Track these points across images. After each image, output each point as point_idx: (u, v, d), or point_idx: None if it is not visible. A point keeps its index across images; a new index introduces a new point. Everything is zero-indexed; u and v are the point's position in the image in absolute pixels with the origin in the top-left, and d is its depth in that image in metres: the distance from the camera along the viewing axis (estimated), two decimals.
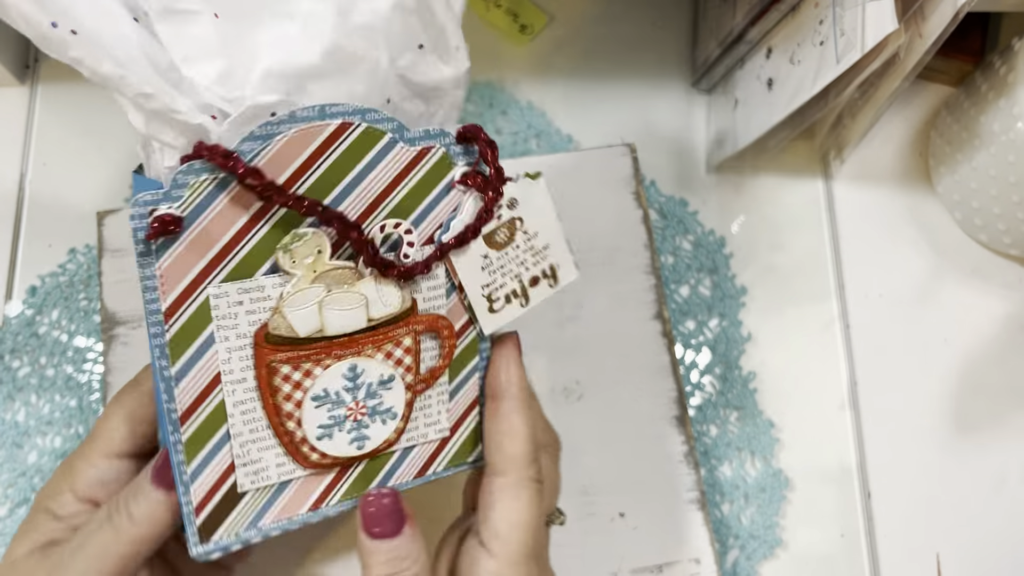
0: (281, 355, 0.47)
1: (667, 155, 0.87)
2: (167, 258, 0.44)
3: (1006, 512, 0.80)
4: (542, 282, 0.52)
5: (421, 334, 0.50)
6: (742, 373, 0.81)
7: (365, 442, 0.50)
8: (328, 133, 0.45)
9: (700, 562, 0.73)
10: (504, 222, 0.51)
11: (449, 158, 0.49)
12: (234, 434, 0.48)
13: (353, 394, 0.49)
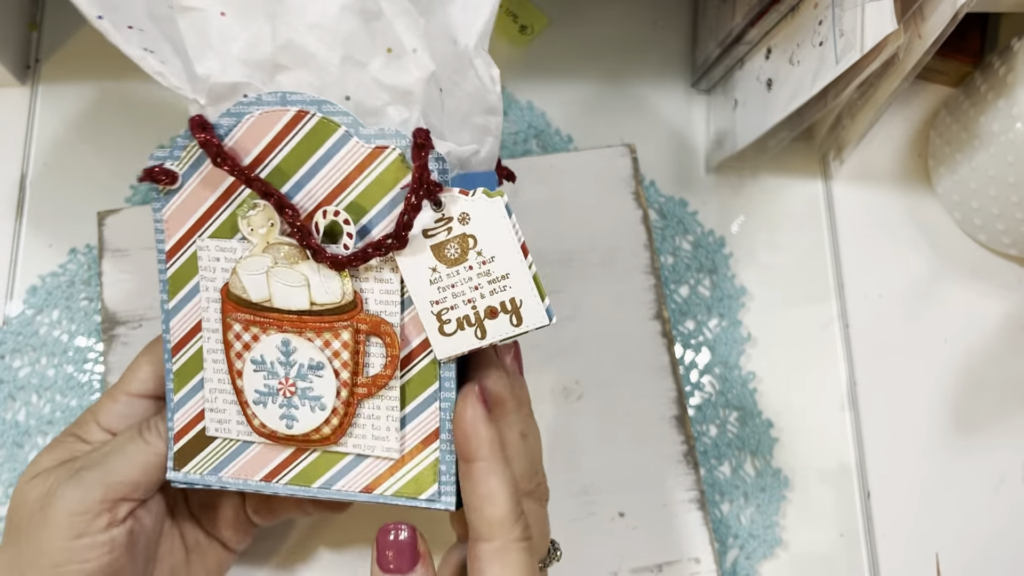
0: (236, 314, 0.52)
1: (667, 155, 0.87)
2: (169, 207, 0.52)
3: (1005, 511, 0.80)
4: (501, 316, 0.50)
5: (365, 335, 0.51)
6: (741, 373, 0.81)
7: (293, 423, 0.52)
8: (287, 119, 0.49)
9: (700, 562, 0.73)
10: (455, 236, 0.49)
11: (406, 161, 0.49)
12: (206, 379, 0.54)
13: (286, 369, 0.52)
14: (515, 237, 0.49)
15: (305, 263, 0.50)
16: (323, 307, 0.51)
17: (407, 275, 0.50)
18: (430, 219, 0.49)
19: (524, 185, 0.79)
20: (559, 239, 0.78)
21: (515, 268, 0.49)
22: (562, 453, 0.73)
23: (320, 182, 0.50)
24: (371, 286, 0.51)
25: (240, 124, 0.49)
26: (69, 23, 0.85)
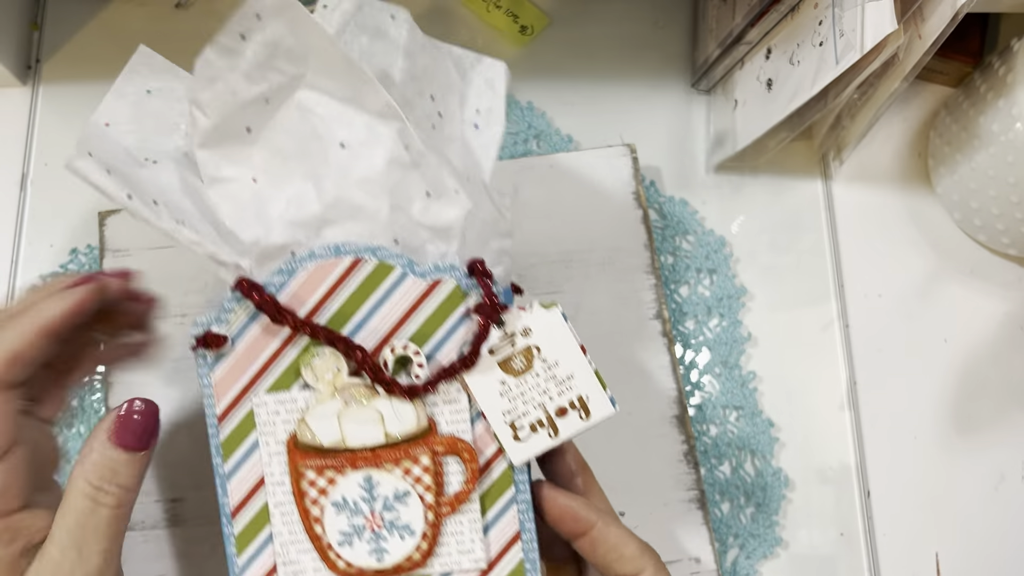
0: (307, 461, 0.52)
1: (667, 155, 0.87)
2: (219, 370, 0.52)
3: (1005, 511, 0.80)
4: (571, 413, 0.53)
5: (442, 456, 0.53)
6: (742, 373, 0.81)
7: (384, 555, 0.53)
8: (344, 267, 0.52)
9: (700, 561, 0.73)
10: (520, 349, 0.53)
11: (462, 289, 0.53)
12: (275, 533, 0.53)
13: (370, 505, 0.52)
14: (575, 340, 0.53)
15: (377, 399, 0.52)
16: (398, 437, 0.52)
17: (478, 392, 0.53)
18: (496, 338, 0.53)
19: (524, 185, 0.79)
20: (559, 239, 0.78)
21: (578, 368, 0.53)
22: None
23: (382, 320, 0.52)
24: (440, 408, 0.53)
25: (294, 278, 0.52)
26: (70, 23, 0.85)
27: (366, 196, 0.52)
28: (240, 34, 0.50)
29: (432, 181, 0.53)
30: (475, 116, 0.58)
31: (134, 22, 0.86)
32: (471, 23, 0.88)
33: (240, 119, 0.52)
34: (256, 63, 0.51)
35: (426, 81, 0.56)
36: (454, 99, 0.58)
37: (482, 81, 0.60)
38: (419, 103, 0.55)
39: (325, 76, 0.52)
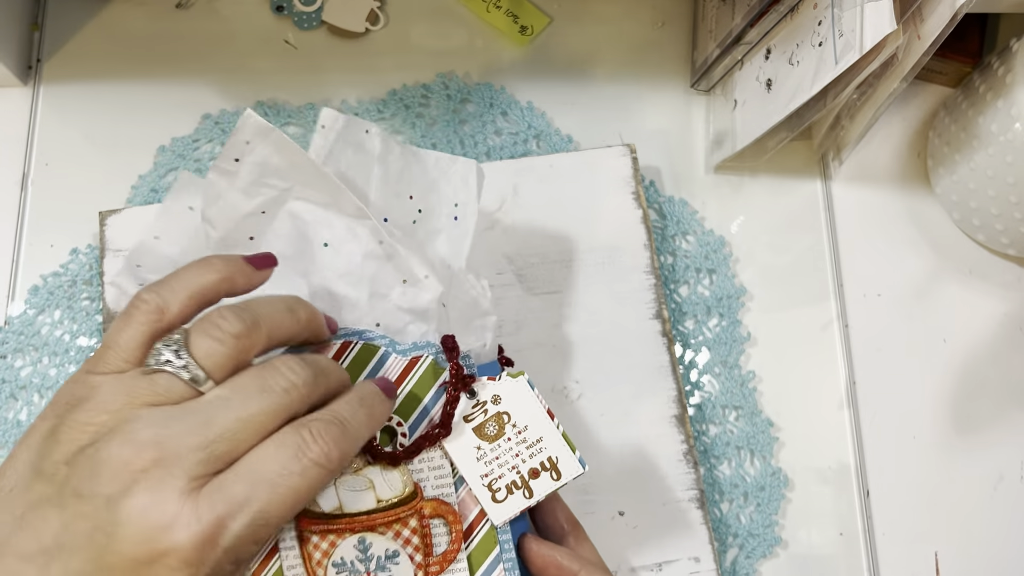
0: (312, 527, 0.55)
1: (667, 156, 0.87)
2: None
3: (1004, 510, 0.80)
4: (543, 474, 0.58)
5: (429, 518, 0.56)
6: (741, 372, 0.81)
7: None
8: (335, 350, 0.57)
9: (699, 560, 0.73)
10: (491, 416, 0.58)
11: (439, 364, 0.58)
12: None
13: (365, 564, 0.55)
14: (542, 406, 0.59)
15: (367, 468, 0.56)
16: (389, 502, 0.56)
17: (456, 458, 0.57)
18: (468, 406, 0.58)
19: (524, 185, 0.79)
20: (559, 239, 0.78)
21: (546, 431, 0.58)
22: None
23: None
24: (426, 475, 0.57)
25: None
26: (70, 24, 0.85)
27: (348, 286, 0.60)
28: (234, 158, 0.58)
29: (405, 270, 0.59)
30: (453, 209, 0.64)
31: (134, 22, 0.86)
32: (471, 23, 0.88)
33: (243, 229, 0.60)
34: (250, 181, 0.59)
35: (403, 184, 0.63)
36: (434, 196, 0.64)
37: (458, 178, 0.65)
38: (398, 202, 0.62)
39: (308, 187, 0.59)
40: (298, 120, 0.83)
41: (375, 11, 0.86)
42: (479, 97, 0.85)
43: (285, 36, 0.86)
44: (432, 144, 0.83)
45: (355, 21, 0.85)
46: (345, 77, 0.86)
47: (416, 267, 0.59)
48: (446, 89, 0.85)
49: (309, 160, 0.58)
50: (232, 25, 0.86)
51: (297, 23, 0.85)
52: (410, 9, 0.88)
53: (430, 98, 0.85)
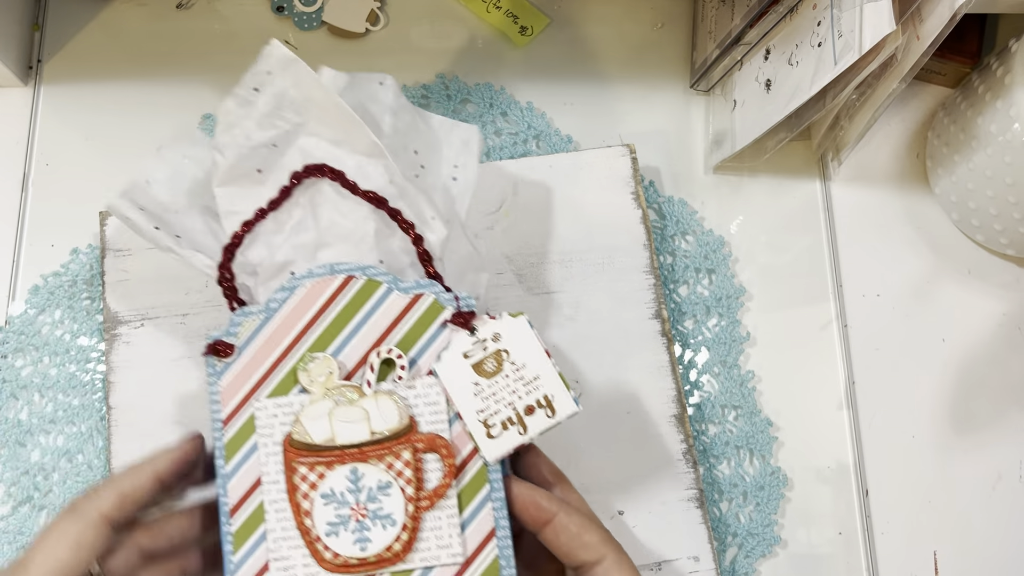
0: (301, 458, 0.57)
1: (666, 156, 0.87)
2: (226, 378, 0.58)
3: (1003, 509, 0.81)
4: (538, 411, 0.59)
5: (422, 452, 0.58)
6: (740, 372, 0.81)
7: (367, 544, 0.57)
8: (338, 283, 0.59)
9: (699, 560, 0.73)
10: (490, 353, 0.59)
11: (440, 303, 0.60)
12: (268, 530, 0.57)
13: (355, 496, 0.57)
14: (540, 345, 0.59)
15: (364, 399, 0.58)
16: (383, 435, 0.57)
17: (454, 394, 0.59)
18: (468, 343, 0.59)
19: (524, 185, 0.79)
20: (559, 239, 0.78)
21: (543, 370, 0.59)
22: (561, 452, 0.72)
23: (371, 329, 0.59)
24: (422, 409, 0.58)
25: (295, 294, 0.59)
26: (71, 24, 0.85)
27: (355, 222, 0.61)
28: (254, 87, 0.61)
29: (413, 210, 0.62)
30: (453, 170, 0.67)
31: (135, 22, 0.86)
32: (471, 23, 0.88)
33: (252, 161, 0.62)
34: (266, 112, 0.61)
35: (410, 137, 0.65)
36: (435, 156, 0.67)
37: (459, 141, 0.68)
38: (403, 154, 0.64)
39: (322, 124, 0.62)
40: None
41: (375, 11, 0.86)
42: (479, 97, 0.85)
43: (285, 36, 0.86)
44: None
45: (355, 21, 0.85)
46: None
47: (425, 208, 0.62)
48: (446, 89, 0.85)
49: (328, 94, 0.60)
50: (232, 25, 0.86)
51: (297, 23, 0.85)
52: (410, 9, 0.88)
53: (430, 98, 0.85)
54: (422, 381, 0.59)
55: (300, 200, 0.63)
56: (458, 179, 0.67)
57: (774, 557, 0.78)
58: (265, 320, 0.59)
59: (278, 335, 0.59)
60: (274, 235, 0.63)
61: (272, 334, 0.59)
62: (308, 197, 0.63)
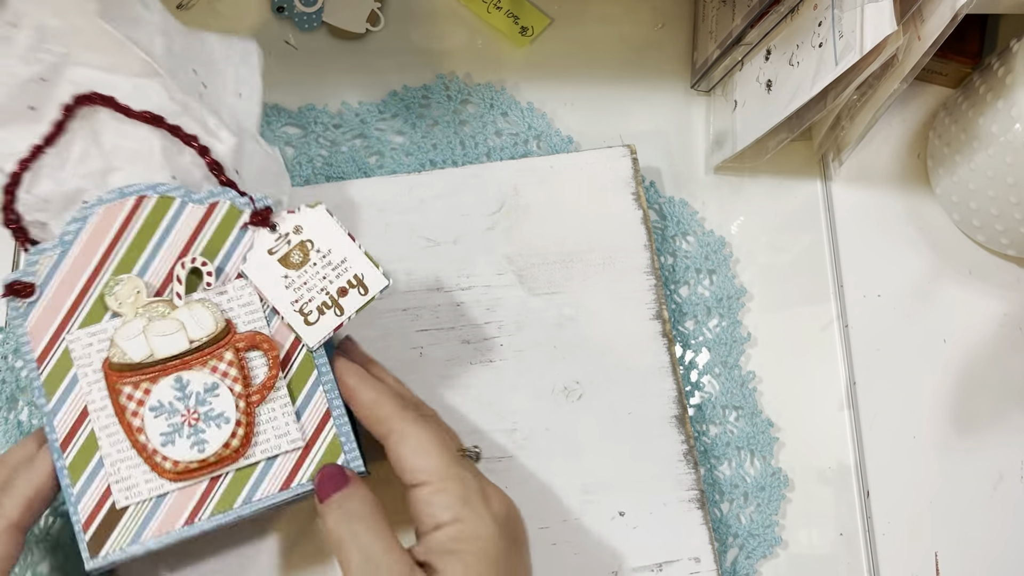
0: (123, 379, 0.58)
1: (667, 156, 0.86)
2: (32, 317, 0.59)
3: (1004, 510, 0.80)
4: (351, 292, 0.62)
5: (245, 351, 0.60)
6: (741, 373, 0.81)
7: (205, 445, 0.58)
8: (130, 206, 0.60)
9: (700, 561, 0.72)
10: (294, 245, 0.62)
11: (237, 207, 0.62)
12: (104, 455, 0.58)
13: (184, 403, 0.59)
14: (341, 229, 0.62)
15: (176, 311, 0.59)
16: (201, 341, 0.59)
17: (265, 290, 0.61)
18: (271, 240, 0.62)
19: (524, 186, 0.78)
20: (559, 240, 0.78)
21: (349, 252, 0.62)
22: (562, 452, 0.74)
23: (172, 244, 0.61)
24: (237, 311, 0.61)
25: (88, 223, 0.60)
26: None
27: (139, 142, 0.62)
28: (10, 23, 0.60)
29: (198, 123, 0.62)
30: (237, 86, 0.67)
31: None
32: (471, 24, 0.88)
33: (22, 99, 0.61)
34: (28, 46, 0.60)
35: (186, 57, 0.64)
36: (216, 74, 0.66)
37: (238, 58, 0.68)
38: (183, 74, 0.63)
39: (90, 51, 0.61)
40: (298, 121, 0.83)
41: (375, 12, 0.85)
42: (479, 98, 0.85)
43: (286, 37, 0.86)
44: (432, 145, 0.82)
45: (355, 22, 0.85)
46: (345, 78, 0.85)
47: (208, 119, 0.63)
48: (446, 90, 0.84)
49: (90, 18, 0.59)
50: (233, 25, 0.85)
51: (297, 24, 0.85)
52: (410, 10, 0.87)
53: (430, 99, 0.84)
54: (233, 285, 0.61)
55: (79, 132, 0.62)
56: (243, 94, 0.67)
57: (775, 558, 0.77)
58: (62, 254, 0.59)
59: (78, 266, 0.60)
60: (59, 169, 0.62)
61: (72, 266, 0.60)
62: (88, 127, 0.62)
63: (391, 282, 0.62)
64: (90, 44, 0.61)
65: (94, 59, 0.61)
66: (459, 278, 0.76)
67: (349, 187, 0.77)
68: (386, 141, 0.83)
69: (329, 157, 0.82)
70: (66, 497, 0.58)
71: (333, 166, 0.81)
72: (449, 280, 0.76)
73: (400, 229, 0.77)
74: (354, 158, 0.82)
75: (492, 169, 0.79)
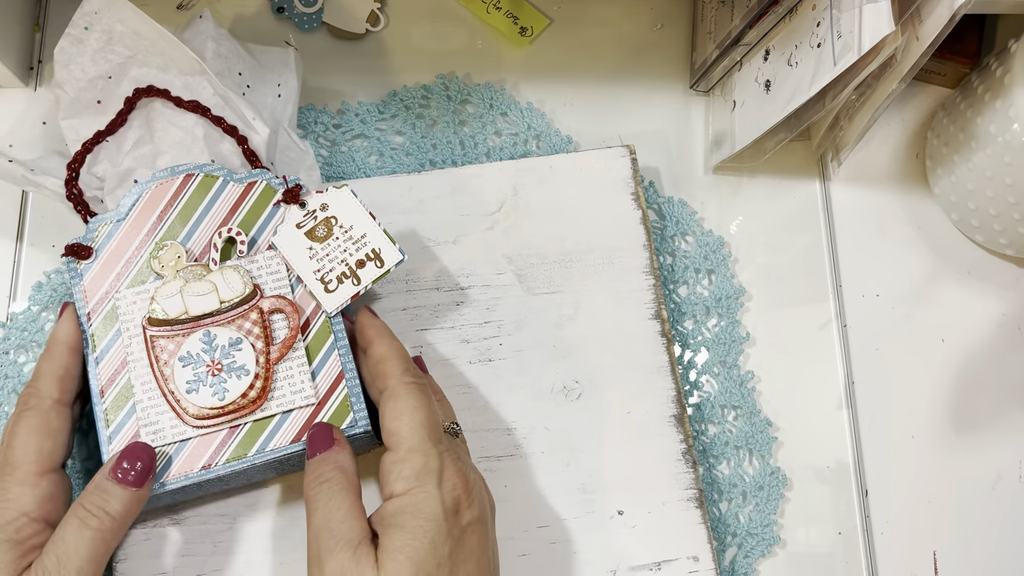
0: (159, 331, 0.64)
1: (666, 156, 0.86)
2: (88, 277, 0.66)
3: (1002, 509, 0.80)
4: (368, 264, 0.67)
5: (269, 312, 0.66)
6: (740, 372, 0.80)
7: (225, 394, 0.63)
8: (179, 182, 0.67)
9: (698, 560, 0.72)
10: (320, 221, 0.68)
11: (272, 187, 0.68)
12: (137, 401, 0.64)
13: (210, 355, 0.64)
14: (363, 208, 0.68)
15: (211, 274, 0.66)
16: (231, 301, 0.65)
17: (291, 259, 0.67)
18: (300, 215, 0.68)
19: (524, 186, 0.78)
20: (559, 240, 0.78)
21: (369, 228, 0.67)
22: (561, 451, 0.74)
23: (213, 216, 0.67)
24: (265, 278, 0.67)
25: (142, 197, 0.67)
26: None
27: (185, 131, 0.70)
28: (84, 27, 0.69)
29: (237, 116, 0.71)
30: (277, 88, 0.76)
31: None
32: (471, 24, 0.88)
33: (91, 93, 0.71)
34: (98, 48, 0.70)
35: (232, 61, 0.74)
36: (259, 77, 0.75)
37: (280, 64, 0.77)
38: (229, 75, 0.73)
39: (150, 53, 0.71)
40: (298, 121, 0.82)
41: (375, 12, 0.85)
42: (479, 98, 0.84)
43: (286, 37, 0.85)
44: (432, 145, 0.82)
45: (355, 22, 0.85)
46: (346, 78, 0.85)
47: (247, 112, 0.70)
48: (446, 90, 0.84)
49: (152, 25, 0.69)
50: (233, 26, 0.85)
51: (298, 24, 0.85)
52: (410, 10, 0.87)
53: (430, 99, 0.84)
54: (263, 254, 0.67)
55: (136, 123, 0.71)
56: (281, 95, 0.76)
57: (773, 557, 0.77)
58: (118, 223, 0.66)
59: (131, 234, 0.66)
60: (116, 152, 0.70)
61: (125, 234, 0.66)
62: (143, 118, 0.71)
63: (405, 257, 0.67)
64: (150, 47, 0.70)
65: (153, 60, 0.71)
66: (459, 278, 0.76)
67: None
68: (386, 141, 0.83)
69: (329, 157, 0.82)
70: (100, 439, 0.63)
71: (333, 166, 0.81)
72: (449, 280, 0.76)
73: (400, 229, 0.77)
74: (354, 158, 0.82)
75: (491, 169, 0.79)
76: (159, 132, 0.70)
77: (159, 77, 0.71)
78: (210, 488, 0.67)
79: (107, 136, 0.71)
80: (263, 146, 0.71)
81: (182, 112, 0.70)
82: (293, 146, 0.74)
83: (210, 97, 0.71)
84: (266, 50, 0.77)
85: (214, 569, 0.69)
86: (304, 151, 0.74)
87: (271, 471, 0.68)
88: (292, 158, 0.74)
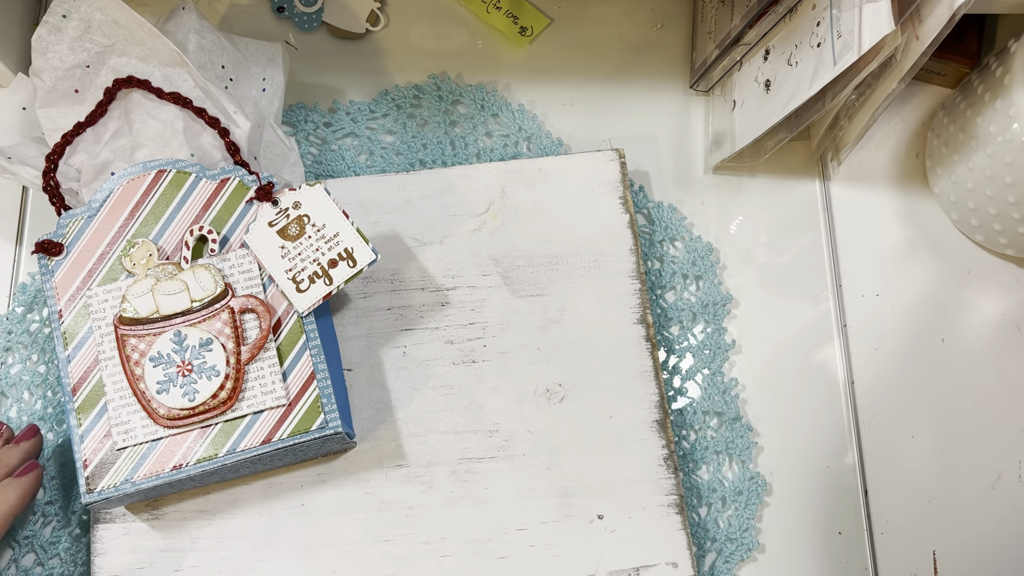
0: (130, 330, 0.63)
1: (665, 156, 0.85)
2: (59, 274, 0.65)
3: (1002, 509, 0.79)
4: (340, 264, 0.65)
5: (240, 312, 0.64)
6: (724, 379, 0.79)
7: (195, 394, 0.63)
8: (151, 178, 0.66)
9: (677, 565, 0.71)
10: (292, 219, 0.66)
11: (245, 184, 0.67)
12: (108, 400, 0.63)
13: (180, 355, 0.63)
14: (336, 207, 0.66)
15: (182, 273, 0.64)
16: (202, 301, 0.64)
17: (263, 258, 0.65)
18: (272, 213, 0.66)
19: (512, 188, 0.78)
20: (546, 242, 0.77)
21: (342, 227, 0.66)
22: (542, 455, 0.73)
23: (186, 213, 0.66)
24: (237, 277, 0.65)
25: (115, 191, 0.66)
26: None
27: (164, 124, 0.68)
28: (62, 14, 0.68)
29: (218, 109, 0.69)
30: (261, 82, 0.75)
31: None
32: (471, 24, 0.87)
33: (68, 82, 0.69)
34: (76, 36, 0.68)
35: (215, 54, 0.72)
36: (243, 71, 0.74)
37: (265, 58, 0.75)
38: (211, 68, 0.71)
39: (130, 43, 0.69)
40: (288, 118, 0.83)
41: (375, 12, 0.85)
42: (470, 99, 0.84)
43: (286, 37, 0.85)
44: (423, 145, 0.82)
45: (355, 22, 0.85)
46: (346, 78, 0.85)
47: (228, 105, 0.69)
48: (438, 90, 0.84)
49: (131, 14, 0.67)
50: (233, 26, 0.86)
51: (298, 24, 0.85)
52: (410, 10, 0.87)
53: (421, 99, 0.84)
54: (235, 253, 0.65)
55: (115, 114, 0.69)
56: (267, 89, 0.75)
57: (753, 561, 0.76)
58: (89, 219, 0.65)
59: (102, 230, 0.65)
60: (94, 144, 0.69)
61: (97, 230, 0.65)
62: (122, 109, 0.69)
63: (378, 256, 0.66)
64: (130, 37, 0.68)
65: (133, 50, 0.69)
66: (444, 278, 0.75)
67: (337, 185, 0.76)
68: (376, 140, 0.83)
69: (319, 155, 0.82)
70: (72, 437, 0.63)
71: (323, 164, 0.81)
72: (434, 280, 0.75)
73: (387, 228, 0.76)
74: (344, 157, 0.82)
75: (480, 170, 0.78)
76: (138, 124, 0.68)
77: (139, 67, 0.69)
78: (183, 487, 0.67)
79: (87, 127, 0.69)
80: (244, 140, 0.69)
81: (162, 104, 0.68)
82: (278, 142, 0.73)
83: (191, 90, 0.69)
84: (252, 43, 0.76)
85: (192, 564, 0.69)
86: (289, 147, 0.73)
87: (244, 470, 0.67)
88: (277, 154, 0.73)
